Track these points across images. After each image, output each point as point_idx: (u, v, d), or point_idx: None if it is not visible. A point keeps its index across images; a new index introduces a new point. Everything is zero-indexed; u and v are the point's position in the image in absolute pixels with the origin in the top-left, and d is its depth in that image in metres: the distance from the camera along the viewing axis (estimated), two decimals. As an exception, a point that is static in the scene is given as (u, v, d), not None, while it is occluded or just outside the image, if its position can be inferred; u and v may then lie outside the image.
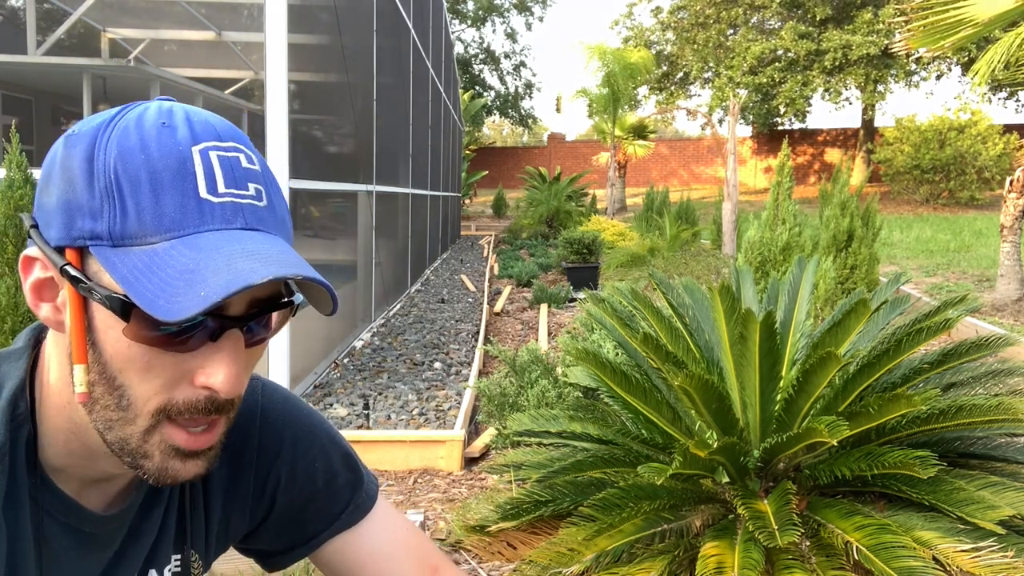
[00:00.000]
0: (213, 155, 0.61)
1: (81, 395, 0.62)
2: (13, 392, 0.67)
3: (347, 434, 3.16)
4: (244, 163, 0.63)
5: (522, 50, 43.74)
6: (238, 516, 0.85)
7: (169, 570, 0.80)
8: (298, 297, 0.68)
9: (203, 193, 0.60)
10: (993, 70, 5.44)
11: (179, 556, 0.81)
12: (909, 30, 5.46)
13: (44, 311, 0.65)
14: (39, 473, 0.68)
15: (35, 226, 0.64)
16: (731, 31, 23.93)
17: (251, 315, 0.63)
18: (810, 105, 23.03)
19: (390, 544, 0.89)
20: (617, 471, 1.68)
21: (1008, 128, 18.37)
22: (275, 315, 0.67)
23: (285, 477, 0.86)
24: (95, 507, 0.73)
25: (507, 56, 36.25)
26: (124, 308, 0.58)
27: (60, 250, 0.61)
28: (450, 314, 6.80)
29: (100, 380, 0.62)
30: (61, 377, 0.66)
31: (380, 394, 4.10)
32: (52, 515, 0.69)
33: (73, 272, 0.60)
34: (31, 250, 0.65)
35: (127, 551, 0.76)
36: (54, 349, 0.67)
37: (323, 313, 0.68)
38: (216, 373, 0.62)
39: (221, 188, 0.61)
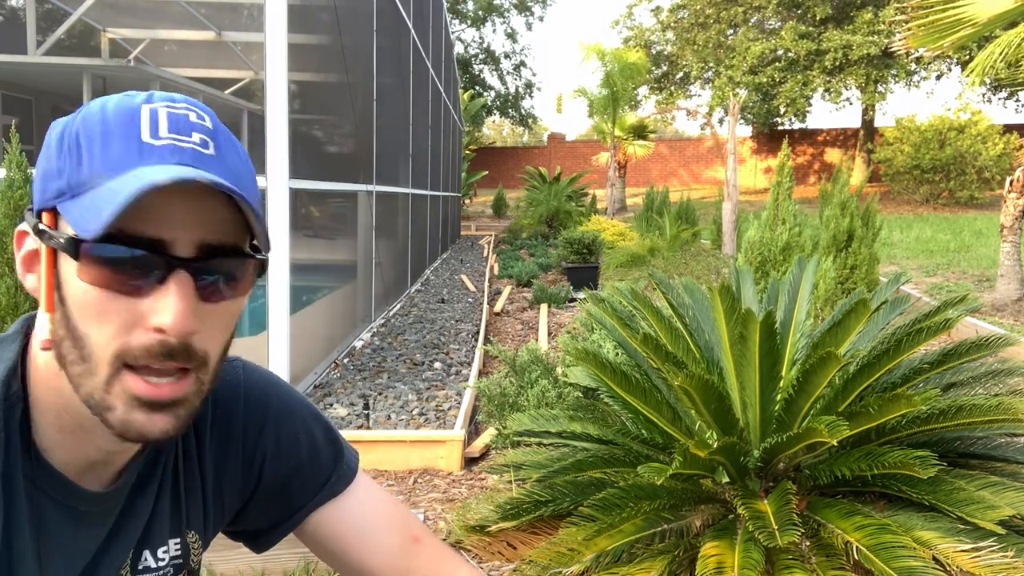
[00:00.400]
0: (162, 110, 0.66)
1: (44, 341, 0.66)
2: (5, 374, 0.69)
3: (347, 434, 3.15)
4: (193, 119, 0.66)
5: (522, 50, 43.71)
6: (230, 491, 0.87)
7: (166, 552, 0.81)
8: (266, 255, 0.70)
9: (144, 137, 0.64)
10: (993, 67, 5.43)
11: (178, 540, 0.82)
12: (909, 29, 5.47)
13: (30, 281, 0.69)
14: (33, 453, 0.70)
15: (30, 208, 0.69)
16: (731, 31, 23.93)
17: (200, 258, 0.64)
18: (810, 105, 23.03)
19: (372, 515, 0.91)
20: (617, 471, 1.68)
21: (1008, 128, 18.35)
22: (238, 271, 0.68)
23: (270, 451, 0.88)
24: (91, 487, 0.74)
25: (507, 56, 36.27)
26: (73, 246, 0.62)
27: (39, 216, 0.66)
28: (450, 314, 6.80)
29: (67, 335, 0.64)
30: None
31: (380, 394, 4.10)
32: (47, 493, 0.70)
33: (41, 226, 0.65)
34: (23, 224, 0.69)
35: (120, 531, 0.77)
36: None
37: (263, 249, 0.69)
38: (164, 312, 0.63)
39: (163, 133, 0.64)
